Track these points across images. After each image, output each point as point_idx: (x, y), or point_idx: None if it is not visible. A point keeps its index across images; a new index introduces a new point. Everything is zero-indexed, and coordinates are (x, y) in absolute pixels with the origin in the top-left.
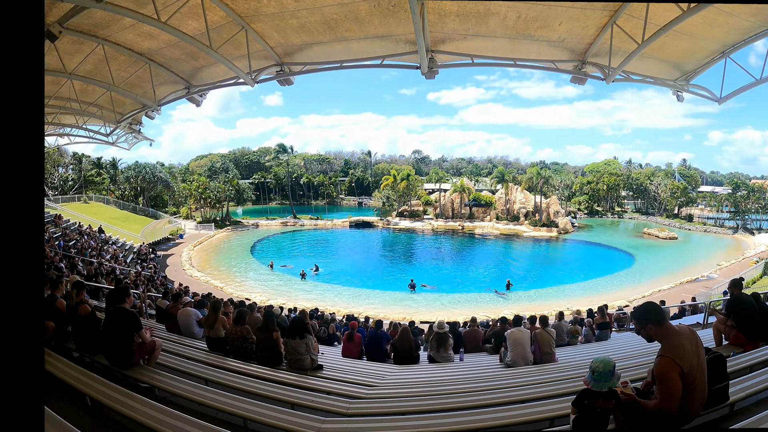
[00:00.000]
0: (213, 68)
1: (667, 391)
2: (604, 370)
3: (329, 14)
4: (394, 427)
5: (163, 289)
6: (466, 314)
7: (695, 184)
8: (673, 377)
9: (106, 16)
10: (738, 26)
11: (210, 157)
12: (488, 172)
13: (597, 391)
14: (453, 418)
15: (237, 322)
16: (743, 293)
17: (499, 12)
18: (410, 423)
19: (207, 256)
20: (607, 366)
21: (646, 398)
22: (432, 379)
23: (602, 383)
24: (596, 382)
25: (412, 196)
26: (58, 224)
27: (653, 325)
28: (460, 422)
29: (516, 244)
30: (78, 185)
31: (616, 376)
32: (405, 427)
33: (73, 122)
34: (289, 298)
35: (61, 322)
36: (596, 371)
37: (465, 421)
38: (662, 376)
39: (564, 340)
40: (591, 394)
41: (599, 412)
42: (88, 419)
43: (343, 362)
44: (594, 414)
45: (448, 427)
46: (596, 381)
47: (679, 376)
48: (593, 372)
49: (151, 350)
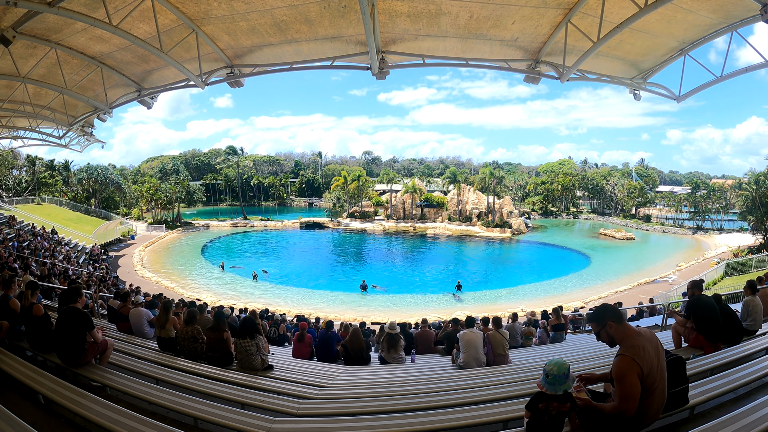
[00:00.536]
0: (164, 71)
1: (625, 392)
2: (558, 373)
3: (279, 16)
4: (344, 428)
5: (114, 289)
6: (418, 315)
7: (653, 183)
8: (632, 378)
9: (58, 21)
10: (697, 23)
11: (161, 158)
12: (440, 172)
13: (551, 394)
14: (404, 420)
15: (187, 322)
16: (703, 294)
17: (451, 12)
18: (361, 424)
19: (158, 257)
20: (561, 369)
21: (603, 401)
22: (383, 380)
23: (556, 386)
24: (550, 385)
25: (363, 197)
26: (11, 225)
27: (614, 322)
28: (412, 423)
29: (468, 245)
30: (31, 187)
31: (571, 378)
32: (355, 428)
33: (26, 125)
34: (239, 299)
35: (15, 322)
36: (550, 374)
37: (417, 422)
38: (621, 377)
39: (518, 341)
40: (545, 397)
41: (554, 416)
42: (41, 416)
43: (294, 363)
44: (549, 417)
45: (400, 429)
46: (550, 384)
47: (639, 377)
48: (547, 375)
49: (103, 350)
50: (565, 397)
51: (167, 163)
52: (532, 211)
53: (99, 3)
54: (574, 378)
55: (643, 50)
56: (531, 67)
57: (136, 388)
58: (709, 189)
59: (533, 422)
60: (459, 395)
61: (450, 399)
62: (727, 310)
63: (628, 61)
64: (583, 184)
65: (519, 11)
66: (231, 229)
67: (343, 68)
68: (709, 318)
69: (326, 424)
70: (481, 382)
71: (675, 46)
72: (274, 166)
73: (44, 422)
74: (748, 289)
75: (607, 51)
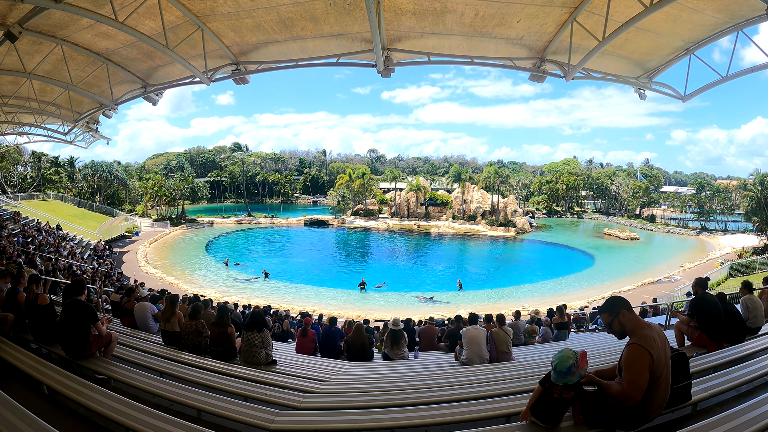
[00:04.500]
0: (169, 67)
1: (634, 379)
2: (558, 367)
3: (285, 13)
4: (347, 421)
5: (118, 284)
6: (421, 313)
7: (658, 184)
8: (642, 366)
9: (64, 17)
10: (703, 23)
11: (166, 155)
12: (444, 171)
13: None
14: (407, 413)
15: (192, 316)
16: (708, 293)
17: (456, 9)
18: (364, 417)
19: (162, 254)
20: (562, 365)
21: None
22: (386, 375)
23: (560, 378)
24: (557, 375)
25: (368, 195)
26: (17, 221)
27: (626, 310)
28: (414, 417)
29: (472, 244)
30: (37, 183)
31: (577, 373)
32: (358, 421)
33: (32, 121)
34: (243, 296)
35: (21, 314)
36: (554, 366)
37: (419, 416)
38: (632, 365)
39: (521, 339)
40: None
41: (556, 400)
42: (45, 407)
43: (297, 358)
44: (552, 400)
45: (402, 422)
46: (557, 375)
47: (649, 368)
48: (554, 367)
49: (108, 342)
50: (572, 385)
51: (172, 159)
52: (536, 211)
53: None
54: (581, 374)
55: (649, 49)
56: (536, 65)
57: (140, 380)
58: (714, 190)
59: (540, 401)
60: (462, 390)
61: (453, 394)
62: (730, 309)
63: (633, 60)
64: (588, 183)
65: (524, 9)
66: (235, 226)
67: (349, 65)
68: (712, 317)
69: (329, 417)
70: (484, 378)
71: (680, 45)
72: (279, 163)
73: (48, 412)
74: (744, 289)
75: (613, 50)
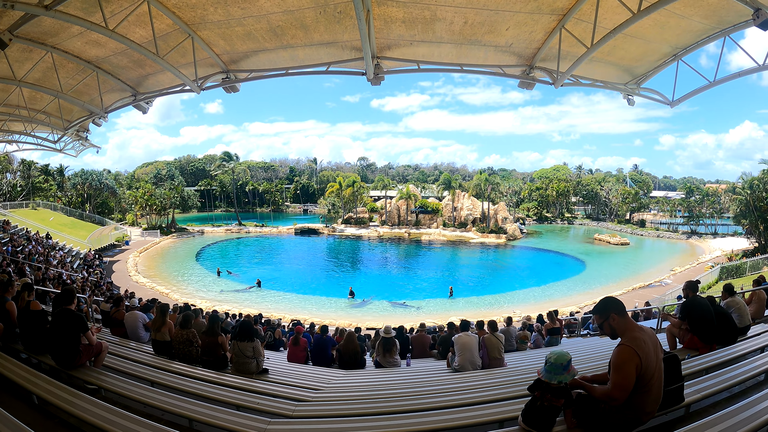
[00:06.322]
0: (160, 75)
1: (619, 380)
2: (556, 362)
3: (275, 22)
4: (339, 429)
5: (108, 294)
6: (413, 321)
7: (647, 189)
8: (629, 368)
9: (55, 24)
10: (690, 29)
11: (156, 164)
12: (435, 178)
13: (547, 384)
14: (400, 420)
15: (183, 325)
16: (699, 296)
17: (446, 18)
18: (356, 425)
19: (153, 263)
20: (560, 359)
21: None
22: (378, 383)
23: (553, 375)
24: (548, 372)
25: (358, 203)
26: (6, 230)
27: (616, 315)
28: (407, 424)
29: (463, 251)
30: (26, 192)
31: (571, 372)
32: (350, 429)
33: (21, 129)
34: (234, 305)
35: (10, 324)
36: (548, 361)
37: (412, 423)
38: (620, 366)
39: (513, 345)
40: (542, 385)
41: (545, 407)
42: (35, 417)
43: (289, 367)
44: (541, 407)
45: (395, 429)
46: (548, 372)
47: (637, 370)
48: (546, 362)
49: (98, 352)
50: (560, 391)
51: (162, 168)
52: (526, 217)
53: (95, 7)
54: (575, 373)
55: (637, 55)
56: (525, 72)
57: (131, 390)
58: (703, 194)
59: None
60: (454, 397)
61: (445, 400)
62: (721, 311)
63: (621, 67)
64: (578, 189)
65: (513, 17)
66: (226, 234)
67: (339, 73)
68: (703, 319)
69: (322, 425)
70: (477, 384)
71: (668, 51)
72: (269, 172)
73: (38, 423)
74: (725, 293)
75: (601, 56)
